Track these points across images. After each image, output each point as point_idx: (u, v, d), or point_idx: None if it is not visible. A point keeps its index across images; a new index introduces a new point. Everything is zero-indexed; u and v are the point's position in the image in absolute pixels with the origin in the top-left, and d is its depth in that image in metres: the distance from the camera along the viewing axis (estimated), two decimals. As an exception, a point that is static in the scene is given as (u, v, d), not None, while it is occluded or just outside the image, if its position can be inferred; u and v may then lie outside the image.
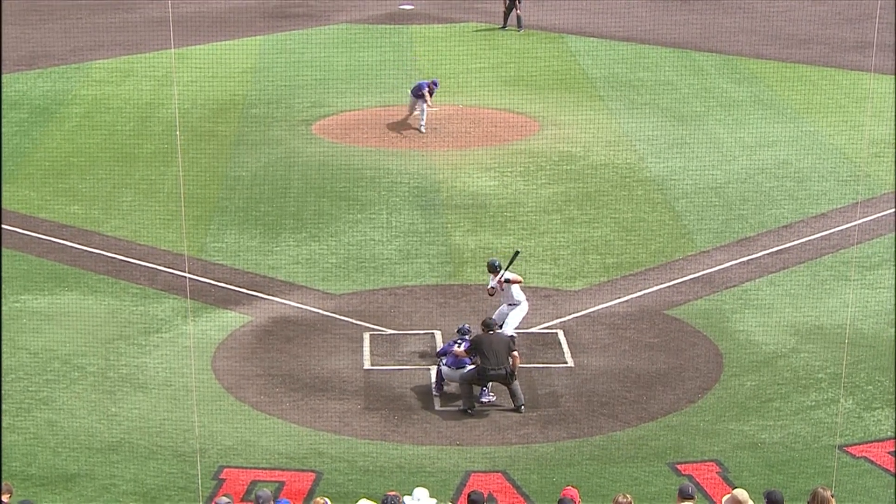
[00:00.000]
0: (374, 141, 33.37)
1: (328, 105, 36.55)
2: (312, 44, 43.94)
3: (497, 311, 21.76)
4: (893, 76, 38.54)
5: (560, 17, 47.33)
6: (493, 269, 21.67)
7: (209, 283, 24.49)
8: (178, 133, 33.02)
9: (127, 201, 28.98)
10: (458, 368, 20.13)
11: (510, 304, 21.69)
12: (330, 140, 33.47)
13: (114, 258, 25.72)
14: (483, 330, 20.08)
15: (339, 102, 36.84)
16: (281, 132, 34.01)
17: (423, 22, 47.02)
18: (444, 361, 20.37)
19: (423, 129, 33.86)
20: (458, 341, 20.35)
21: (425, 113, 33.68)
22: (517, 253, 21.89)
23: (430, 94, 33.39)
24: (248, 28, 46.15)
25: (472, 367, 19.95)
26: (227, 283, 24.53)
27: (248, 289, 24.36)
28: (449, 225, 27.57)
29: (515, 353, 20.01)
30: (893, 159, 31.60)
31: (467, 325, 20.83)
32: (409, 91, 34.19)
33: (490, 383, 20.14)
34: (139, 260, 25.65)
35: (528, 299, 21.99)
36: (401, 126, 34.42)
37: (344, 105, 36.59)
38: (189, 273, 24.26)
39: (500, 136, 33.78)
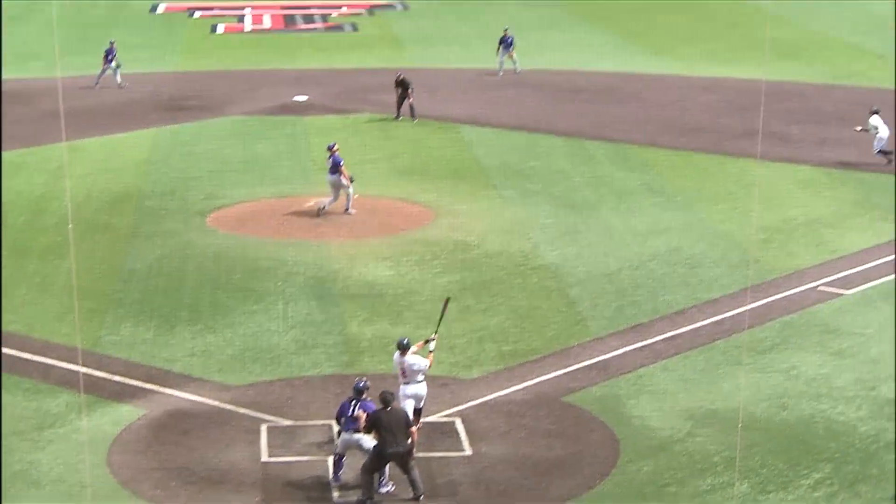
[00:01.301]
0: (269, 232, 33.37)
1: (223, 196, 36.52)
2: (207, 136, 43.96)
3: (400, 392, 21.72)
4: (780, 163, 39.45)
5: (453, 108, 47.85)
6: (402, 347, 21.66)
7: (104, 377, 24.23)
8: (70, 226, 32.76)
9: (20, 295, 28.65)
10: (355, 433, 20.03)
11: (411, 384, 21.61)
12: (225, 231, 33.41)
13: (6, 353, 25.36)
14: (381, 405, 20.00)
15: (234, 193, 36.83)
16: (176, 224, 33.90)
17: (318, 113, 47.26)
18: (343, 425, 20.24)
19: (351, 211, 34.22)
20: (354, 400, 20.27)
21: (350, 188, 34.11)
22: (448, 300, 22.16)
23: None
24: (142, 121, 46.07)
25: (372, 444, 19.82)
26: (122, 377, 24.29)
27: (143, 382, 24.14)
28: (345, 315, 27.59)
29: (414, 428, 20.02)
30: (782, 244, 32.24)
31: (363, 382, 20.64)
32: (326, 175, 34.43)
33: (388, 470, 20.09)
34: (33, 354, 25.33)
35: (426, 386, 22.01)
36: (297, 216, 34.49)
37: (239, 196, 36.58)
38: (83, 367, 23.99)
39: (395, 226, 33.95)
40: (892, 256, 31.45)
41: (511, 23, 58.25)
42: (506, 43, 53.88)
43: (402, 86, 45.63)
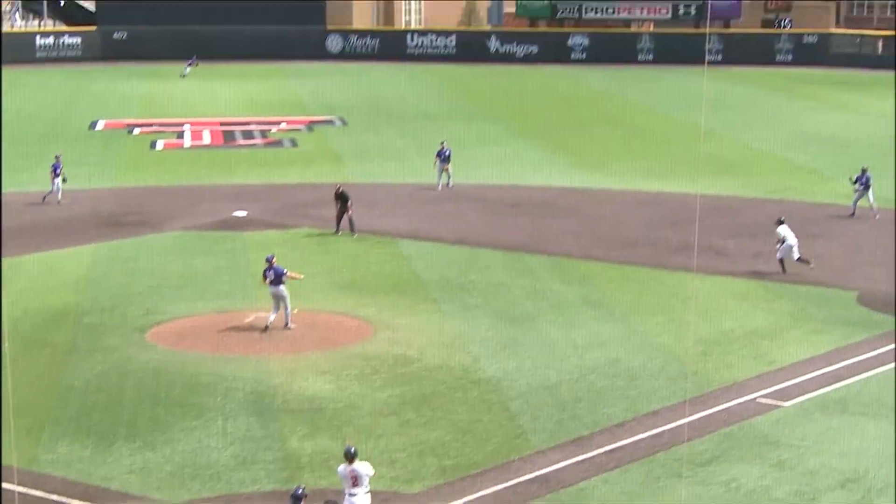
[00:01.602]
0: (209, 347, 33.23)
1: (163, 312, 36.39)
2: (146, 251, 43.88)
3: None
4: (717, 276, 39.88)
5: (392, 222, 48.09)
6: (349, 455, 21.66)
7: (41, 496, 23.91)
8: (5, 343, 32.46)
9: (-45, 413, 28.26)
10: None
11: (359, 494, 21.57)
12: (165, 347, 33.25)
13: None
14: None
15: (174, 309, 36.71)
16: (115, 340, 33.70)
17: (257, 228, 47.34)
18: None
19: (291, 325, 34.21)
20: None
21: (287, 301, 34.11)
22: None
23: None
24: (82, 237, 45.94)
25: None
26: (59, 496, 23.98)
27: (81, 500, 23.83)
28: (285, 430, 27.44)
29: None
30: (720, 356, 32.49)
31: (301, 489, 20.59)
32: (267, 288, 34.45)
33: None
34: (-33, 473, 24.95)
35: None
36: (237, 331, 34.40)
37: (179, 311, 36.47)
38: (19, 486, 23.67)
39: (335, 340, 33.93)
40: (829, 368, 31.78)
41: (450, 138, 58.82)
42: (443, 156, 54.36)
43: (342, 199, 45.86)
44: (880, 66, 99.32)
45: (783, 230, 40.78)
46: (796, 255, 40.63)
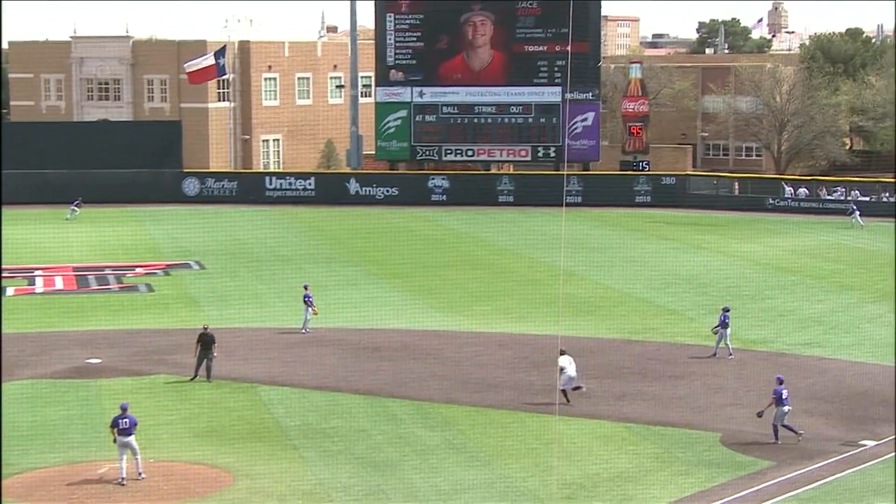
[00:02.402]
0: (60, 500, 32.43)
1: (11, 464, 35.46)
2: (-6, 400, 42.87)
3: None
4: (580, 418, 40.09)
5: (251, 367, 47.68)
6: None
7: None
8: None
9: None
10: None
11: None
12: (12, 501, 32.35)
13: None
14: None
15: (23, 461, 35.81)
16: (-40, 494, 32.72)
17: (112, 375, 46.59)
18: None
19: (143, 474, 33.67)
20: None
21: (137, 451, 33.52)
22: None
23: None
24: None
25: None
26: None
27: None
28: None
29: None
30: (585, 500, 32.54)
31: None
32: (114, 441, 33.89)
33: None
34: None
35: None
36: (89, 483, 33.62)
37: (28, 464, 35.58)
38: None
39: (192, 491, 33.34)
40: (694, 509, 32.05)
41: (309, 281, 58.77)
42: (307, 301, 54.41)
43: (206, 342, 45.43)
44: (737, 208, 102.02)
45: (564, 360, 42.05)
46: (573, 385, 42.10)
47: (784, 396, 38.50)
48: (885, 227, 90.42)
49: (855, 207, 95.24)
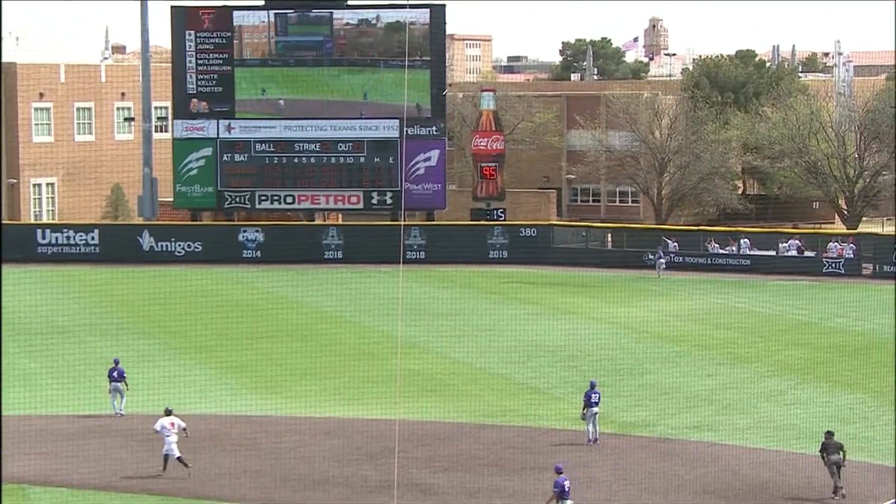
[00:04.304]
0: None
1: None
2: None
3: None
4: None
5: (19, 465, 46.84)
6: None
7: None
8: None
9: None
10: None
11: None
12: None
13: None
14: None
15: None
16: None
17: None
18: None
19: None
20: None
21: None
22: None
23: None
24: None
25: None
26: None
27: None
28: None
29: None
30: None
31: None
32: None
33: None
34: None
35: None
36: None
37: None
38: None
39: None
40: None
41: (94, 356, 58.07)
42: (113, 376, 54.16)
43: None
44: (610, 264, 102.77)
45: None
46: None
47: (566, 489, 39.18)
48: (784, 287, 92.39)
49: (662, 254, 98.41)
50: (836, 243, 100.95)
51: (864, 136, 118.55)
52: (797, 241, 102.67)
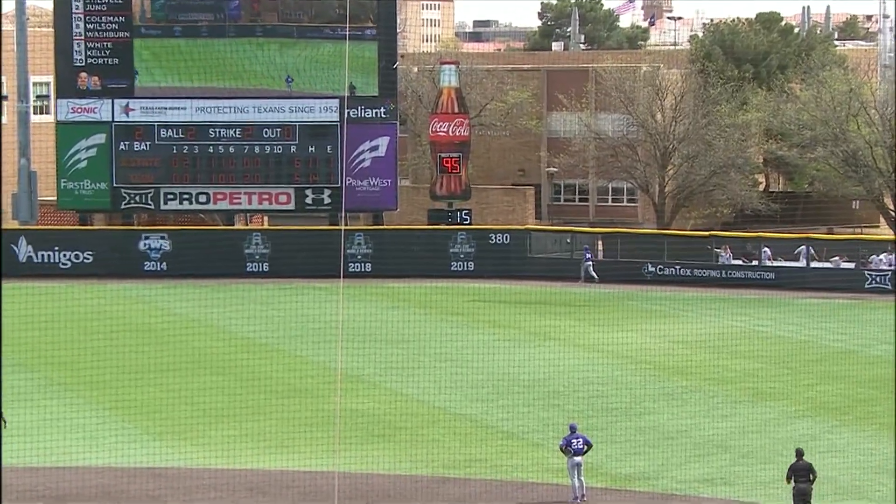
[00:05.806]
0: None
1: None
2: None
3: None
4: None
5: None
6: None
7: None
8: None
9: None
10: None
11: None
12: None
13: None
14: None
15: None
16: None
17: None
18: None
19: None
20: None
21: None
22: None
23: None
24: None
25: None
26: None
27: None
28: None
29: None
30: None
31: None
32: None
33: None
34: None
35: None
36: None
37: None
38: None
39: None
40: None
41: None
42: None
43: None
44: (600, 279, 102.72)
45: None
46: None
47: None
48: (816, 306, 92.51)
49: (588, 255, 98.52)
50: (883, 255, 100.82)
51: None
52: (834, 252, 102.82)
